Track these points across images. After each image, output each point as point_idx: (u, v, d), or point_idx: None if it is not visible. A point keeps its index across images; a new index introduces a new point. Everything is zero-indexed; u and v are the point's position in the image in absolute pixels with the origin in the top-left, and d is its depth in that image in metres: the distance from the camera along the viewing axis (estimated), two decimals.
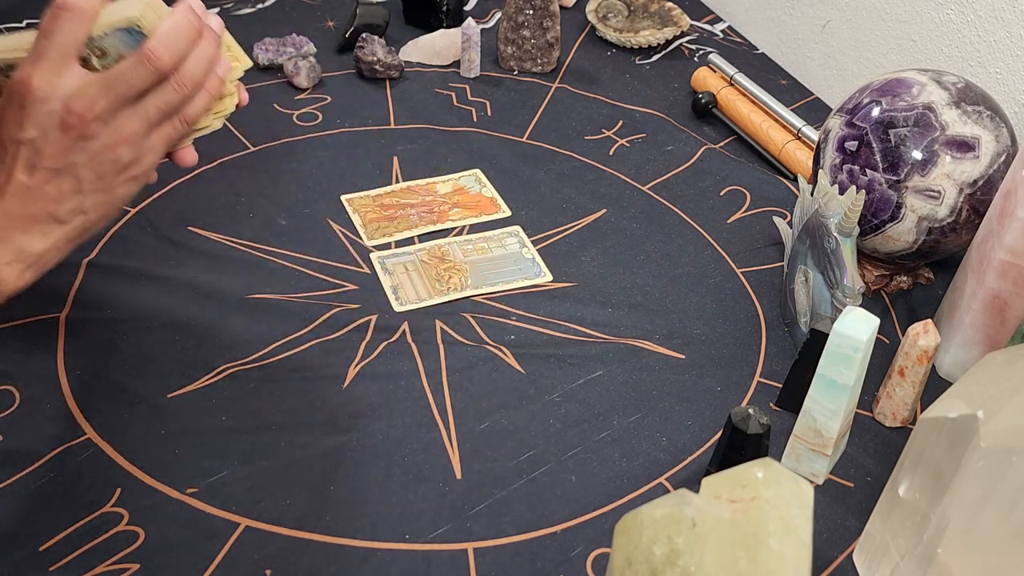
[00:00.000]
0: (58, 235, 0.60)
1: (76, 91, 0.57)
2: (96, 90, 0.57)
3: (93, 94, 0.57)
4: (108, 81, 0.57)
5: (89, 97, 0.57)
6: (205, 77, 0.61)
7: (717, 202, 1.05)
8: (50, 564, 0.66)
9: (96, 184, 0.60)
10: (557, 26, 1.20)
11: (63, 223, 0.60)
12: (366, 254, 0.94)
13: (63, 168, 0.58)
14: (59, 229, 0.60)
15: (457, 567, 0.68)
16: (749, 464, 0.53)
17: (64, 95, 0.57)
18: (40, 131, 0.57)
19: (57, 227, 0.60)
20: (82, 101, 0.57)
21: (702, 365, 0.85)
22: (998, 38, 1.00)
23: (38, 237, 0.60)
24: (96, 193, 0.60)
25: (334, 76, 1.18)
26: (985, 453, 0.57)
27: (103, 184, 0.60)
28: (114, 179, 0.60)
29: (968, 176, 0.83)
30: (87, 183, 0.59)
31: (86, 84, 0.57)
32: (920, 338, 0.77)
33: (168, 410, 0.77)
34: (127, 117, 0.59)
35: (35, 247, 0.60)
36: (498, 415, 0.79)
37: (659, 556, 0.51)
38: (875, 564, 0.68)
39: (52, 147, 0.57)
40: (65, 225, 0.60)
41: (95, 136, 0.58)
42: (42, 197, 0.59)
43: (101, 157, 0.59)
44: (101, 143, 0.58)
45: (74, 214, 0.60)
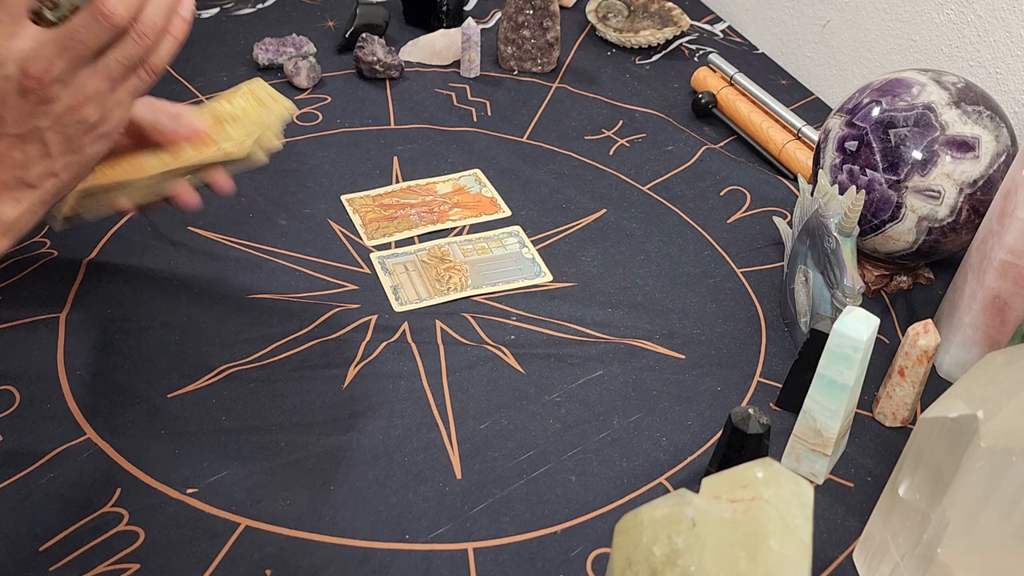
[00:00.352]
0: (31, 199, 0.59)
1: (31, 53, 0.54)
2: (52, 51, 0.55)
3: (49, 55, 0.55)
4: (63, 41, 0.55)
5: (45, 59, 0.55)
6: (167, 22, 0.58)
7: (717, 202, 1.05)
8: (50, 564, 0.66)
9: (64, 146, 0.58)
10: (557, 26, 1.20)
11: (34, 187, 0.59)
12: (366, 254, 0.94)
13: (27, 133, 0.56)
14: (31, 193, 0.59)
15: (457, 567, 0.68)
16: (749, 464, 0.53)
17: (19, 58, 0.54)
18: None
19: (29, 191, 0.59)
20: (38, 64, 0.54)
21: (702, 365, 0.85)
22: (998, 38, 1.00)
23: (10, 203, 0.58)
24: (65, 155, 0.58)
25: (334, 76, 1.18)
26: (985, 453, 0.57)
27: (72, 145, 0.58)
28: (83, 139, 0.59)
29: (968, 176, 0.83)
30: (55, 146, 0.58)
31: (41, 44, 0.55)
32: (920, 338, 0.77)
33: (168, 410, 0.77)
34: (88, 75, 0.57)
35: (8, 214, 0.59)
36: (498, 415, 0.79)
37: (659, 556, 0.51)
38: (875, 564, 0.68)
39: (13, 112, 0.56)
40: (37, 189, 0.59)
41: (56, 98, 0.56)
42: (9, 163, 0.57)
43: (66, 119, 0.57)
44: (64, 105, 0.56)
45: (45, 177, 0.59)
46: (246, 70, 1.17)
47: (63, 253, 0.90)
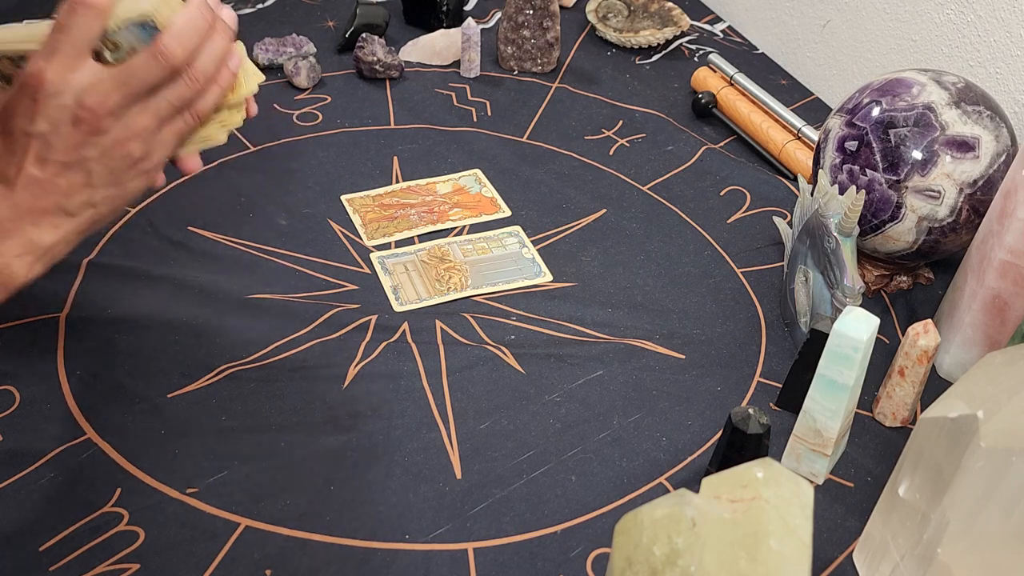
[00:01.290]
0: (68, 228, 0.60)
1: (89, 86, 0.57)
2: (109, 85, 0.57)
3: (106, 89, 0.57)
4: (121, 76, 0.57)
5: (102, 92, 0.57)
6: (217, 72, 0.61)
7: (717, 202, 1.05)
8: (50, 564, 0.66)
9: (107, 178, 0.60)
10: (557, 26, 1.20)
11: (73, 216, 0.60)
12: (366, 254, 0.94)
13: (74, 162, 0.58)
14: (69, 222, 0.60)
15: (457, 567, 0.68)
16: (749, 464, 0.53)
17: (77, 90, 0.56)
18: (52, 125, 0.57)
19: (67, 220, 0.60)
20: (95, 96, 0.57)
21: (702, 365, 0.85)
22: (998, 38, 1.00)
23: (48, 230, 0.60)
24: (106, 187, 0.60)
25: (334, 76, 1.18)
26: (985, 453, 0.57)
27: (113, 178, 0.60)
28: (125, 173, 0.60)
29: (968, 176, 0.83)
30: (98, 177, 0.59)
31: (99, 79, 0.57)
32: (920, 338, 0.77)
33: (168, 410, 0.77)
34: (139, 112, 0.59)
35: (45, 240, 0.60)
36: (498, 415, 0.79)
37: (659, 556, 0.51)
38: (875, 564, 0.68)
39: (64, 141, 0.57)
40: (75, 218, 0.60)
41: (107, 131, 0.58)
42: (53, 190, 0.59)
43: (112, 151, 0.59)
44: (112, 138, 0.58)
45: (84, 207, 0.60)
46: None
47: None
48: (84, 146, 0.58)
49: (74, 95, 0.57)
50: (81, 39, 0.56)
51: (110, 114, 0.58)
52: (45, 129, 0.57)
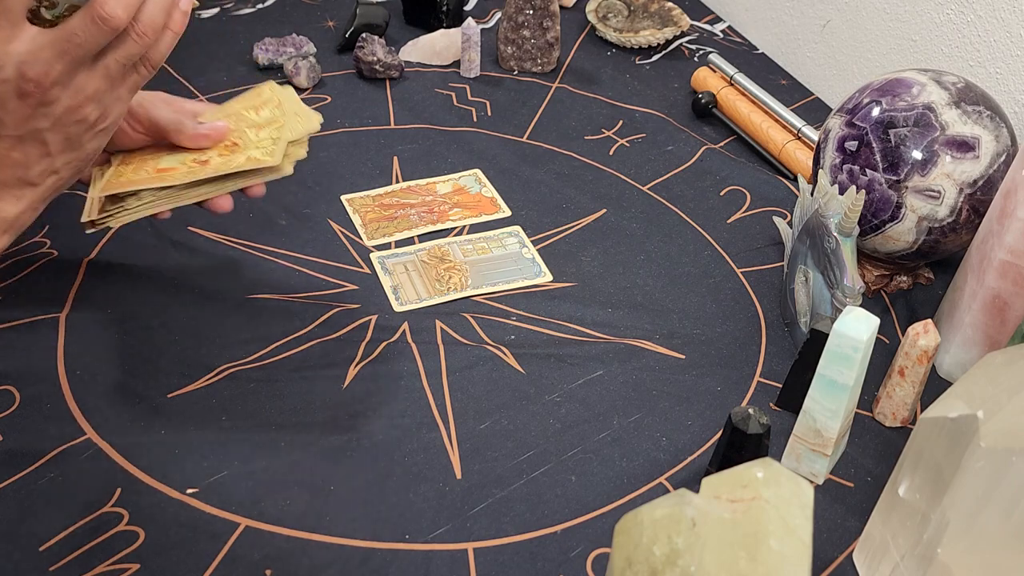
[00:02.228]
0: (31, 197, 0.59)
1: (29, 56, 0.54)
2: (50, 54, 0.54)
3: (47, 58, 0.54)
4: (61, 44, 0.54)
5: (44, 62, 0.54)
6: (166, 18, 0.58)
7: (717, 202, 1.05)
8: (50, 564, 0.66)
9: (64, 144, 0.58)
10: (557, 26, 1.20)
11: (35, 185, 0.59)
12: (366, 254, 0.94)
13: (27, 134, 0.56)
14: (32, 191, 0.59)
15: (457, 567, 0.68)
16: (749, 464, 0.53)
17: (17, 61, 0.54)
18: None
19: (29, 189, 0.59)
20: (37, 67, 0.54)
21: (702, 365, 0.85)
22: (998, 38, 1.00)
23: (11, 202, 0.59)
24: (65, 153, 0.59)
25: (334, 76, 1.18)
26: (985, 453, 0.57)
27: (71, 143, 0.58)
28: (82, 136, 0.59)
29: (968, 176, 0.83)
30: (55, 145, 0.58)
31: (39, 47, 0.54)
32: (920, 338, 0.77)
33: (168, 410, 0.77)
34: (87, 76, 0.56)
35: (8, 212, 0.59)
36: (498, 415, 0.79)
37: (659, 556, 0.51)
38: (875, 564, 0.68)
39: (12, 116, 0.56)
40: (37, 187, 0.59)
41: (56, 100, 0.56)
42: (10, 164, 0.57)
43: (66, 119, 0.57)
44: (63, 106, 0.56)
45: (45, 175, 0.59)
46: (246, 70, 1.17)
47: (63, 253, 0.90)
48: (35, 118, 0.56)
49: (15, 67, 0.54)
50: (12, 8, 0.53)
51: (56, 84, 0.55)
52: None
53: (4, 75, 0.54)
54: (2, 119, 0.56)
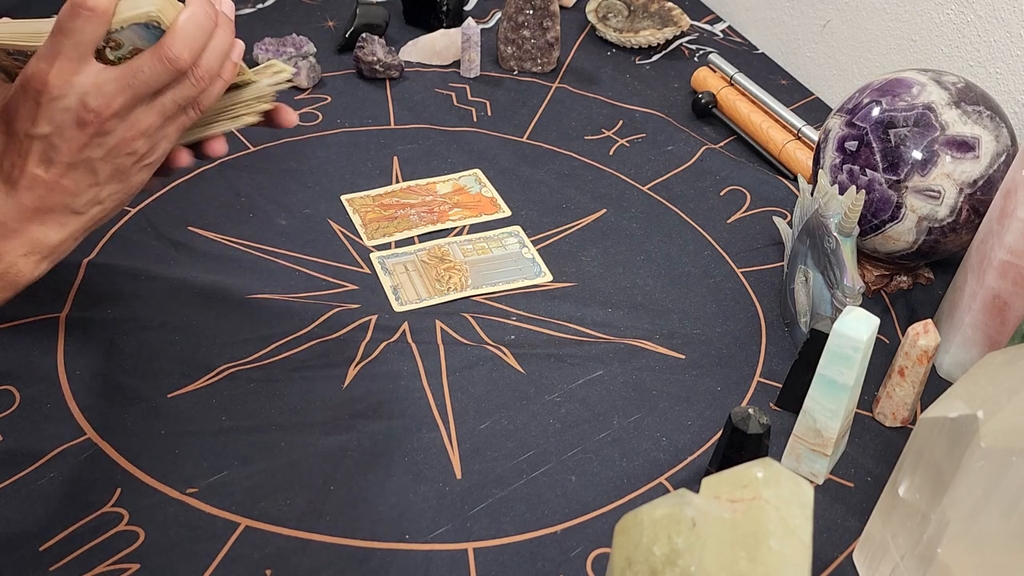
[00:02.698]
0: (74, 225, 0.60)
1: (92, 88, 0.56)
2: (114, 87, 0.57)
3: (110, 91, 0.57)
4: (126, 78, 0.57)
5: (106, 95, 0.57)
6: (221, 67, 0.61)
7: (717, 202, 1.05)
8: (50, 564, 0.66)
9: (112, 175, 0.60)
10: (557, 26, 1.20)
11: (80, 214, 0.60)
12: (366, 254, 0.94)
13: (79, 162, 0.58)
14: (76, 220, 0.60)
15: (457, 567, 0.68)
16: (749, 464, 0.53)
17: (80, 92, 0.56)
18: (55, 127, 0.57)
19: (74, 218, 0.60)
20: (99, 98, 0.57)
21: (702, 365, 0.85)
22: (998, 38, 1.00)
23: (55, 228, 0.60)
24: (112, 183, 0.60)
25: (334, 76, 1.18)
26: (985, 453, 0.57)
27: (119, 175, 0.60)
28: (130, 169, 0.60)
29: (968, 176, 0.83)
30: (103, 175, 0.59)
31: (103, 81, 0.57)
32: (920, 338, 0.77)
33: (168, 410, 0.77)
34: (144, 111, 0.59)
35: (52, 238, 0.60)
36: (498, 415, 0.79)
37: (659, 556, 0.51)
38: (875, 564, 0.68)
39: (68, 143, 0.57)
40: (82, 216, 0.60)
41: (112, 132, 0.58)
42: (58, 190, 0.59)
43: (117, 150, 0.59)
44: (118, 137, 0.58)
45: (90, 205, 0.60)
46: None
47: None
48: (89, 147, 0.58)
49: (77, 97, 0.56)
50: (83, 42, 0.56)
51: (115, 116, 0.58)
52: (48, 131, 0.57)
53: (66, 104, 0.56)
54: (58, 146, 0.57)
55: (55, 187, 0.59)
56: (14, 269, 0.59)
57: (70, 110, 0.56)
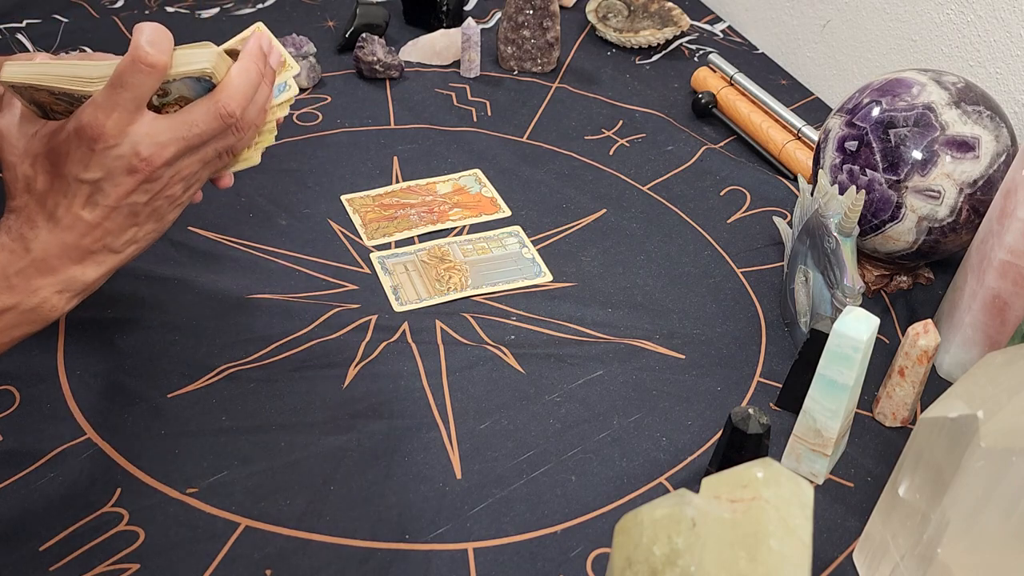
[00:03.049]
0: (111, 264, 0.63)
1: (146, 137, 0.58)
2: (167, 138, 0.59)
3: (163, 141, 0.59)
4: (180, 130, 0.59)
5: (159, 144, 0.59)
6: (260, 118, 0.64)
7: (717, 202, 1.05)
8: (50, 564, 0.66)
9: (150, 216, 0.62)
10: (557, 26, 1.20)
11: (117, 253, 0.62)
12: (366, 254, 0.94)
13: (124, 206, 0.60)
14: (112, 259, 0.63)
15: (457, 567, 0.68)
16: (749, 464, 0.53)
17: (134, 141, 0.58)
18: (106, 173, 0.59)
19: (111, 257, 0.62)
20: (151, 148, 0.59)
21: (702, 365, 0.85)
22: (998, 38, 1.00)
23: (92, 267, 0.62)
24: (149, 223, 0.63)
25: (334, 76, 1.18)
26: (985, 453, 0.57)
27: (156, 215, 0.63)
28: (166, 209, 0.63)
29: (968, 176, 0.83)
30: (143, 217, 0.62)
31: (157, 131, 0.59)
32: (920, 338, 0.77)
33: (168, 410, 0.77)
34: (188, 159, 0.61)
35: (88, 276, 0.62)
36: (498, 415, 0.79)
37: (659, 556, 0.51)
38: (875, 564, 0.68)
39: (117, 188, 0.59)
40: (119, 255, 0.63)
41: (160, 179, 0.60)
42: (100, 231, 0.61)
43: (160, 195, 0.61)
44: (163, 183, 0.61)
45: (128, 244, 0.63)
46: None
47: None
48: (136, 192, 0.60)
49: (131, 146, 0.58)
50: (139, 95, 0.58)
51: (165, 164, 0.60)
52: (99, 177, 0.59)
53: (119, 152, 0.58)
54: (106, 191, 0.59)
55: (97, 228, 0.60)
56: (47, 304, 0.61)
57: (122, 157, 0.58)
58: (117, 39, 1.20)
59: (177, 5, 1.29)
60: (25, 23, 1.22)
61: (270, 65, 0.64)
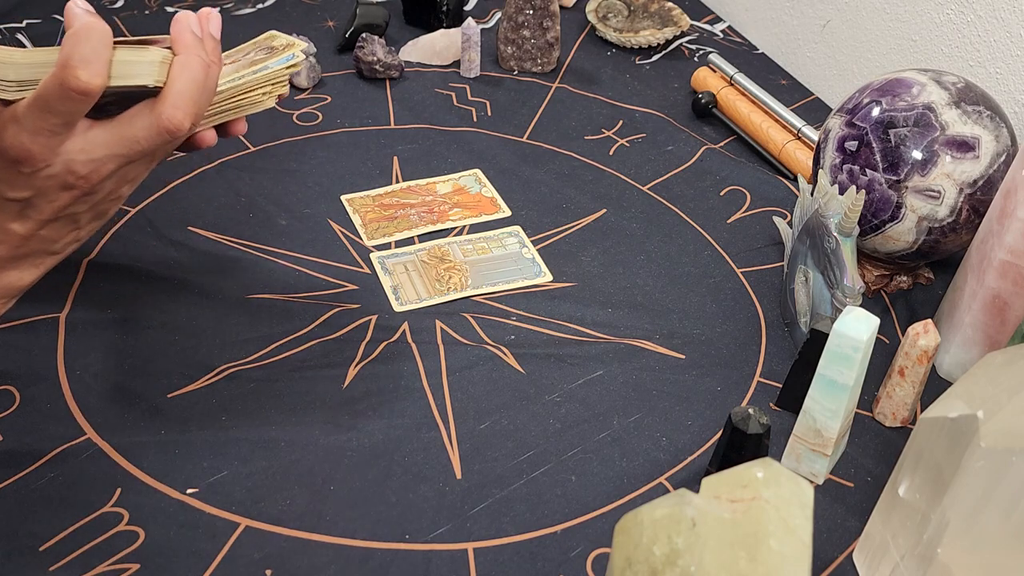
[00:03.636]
0: (49, 263, 0.61)
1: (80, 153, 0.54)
2: (104, 154, 0.54)
3: (101, 158, 0.54)
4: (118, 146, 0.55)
5: (97, 161, 0.54)
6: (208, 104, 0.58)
7: (717, 202, 1.05)
8: (50, 564, 0.66)
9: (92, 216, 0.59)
10: (557, 26, 1.20)
11: (57, 254, 0.60)
12: (366, 254, 0.94)
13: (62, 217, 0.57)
14: (52, 259, 0.61)
15: (457, 567, 0.68)
16: (749, 464, 0.53)
17: (67, 159, 0.54)
18: (36, 191, 0.55)
19: (51, 258, 0.60)
20: (88, 166, 0.54)
21: (702, 365, 0.85)
22: (998, 38, 1.00)
23: (29, 271, 0.60)
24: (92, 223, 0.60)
25: (334, 76, 1.18)
26: (985, 453, 0.57)
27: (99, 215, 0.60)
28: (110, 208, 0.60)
29: (968, 176, 0.83)
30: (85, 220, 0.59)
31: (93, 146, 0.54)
32: (920, 338, 0.77)
33: (168, 410, 0.77)
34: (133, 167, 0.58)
35: (24, 280, 0.60)
36: (498, 415, 0.79)
37: (659, 556, 0.51)
38: (875, 564, 0.68)
39: (51, 204, 0.55)
40: (58, 255, 0.61)
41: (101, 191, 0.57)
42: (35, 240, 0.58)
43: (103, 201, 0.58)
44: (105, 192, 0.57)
45: (69, 244, 0.60)
46: None
47: None
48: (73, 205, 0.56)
49: (63, 164, 0.54)
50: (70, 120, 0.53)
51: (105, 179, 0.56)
52: (29, 195, 0.55)
53: (50, 172, 0.54)
54: (39, 206, 0.55)
55: (32, 238, 0.57)
56: None
57: (55, 177, 0.54)
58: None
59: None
60: (25, 23, 1.22)
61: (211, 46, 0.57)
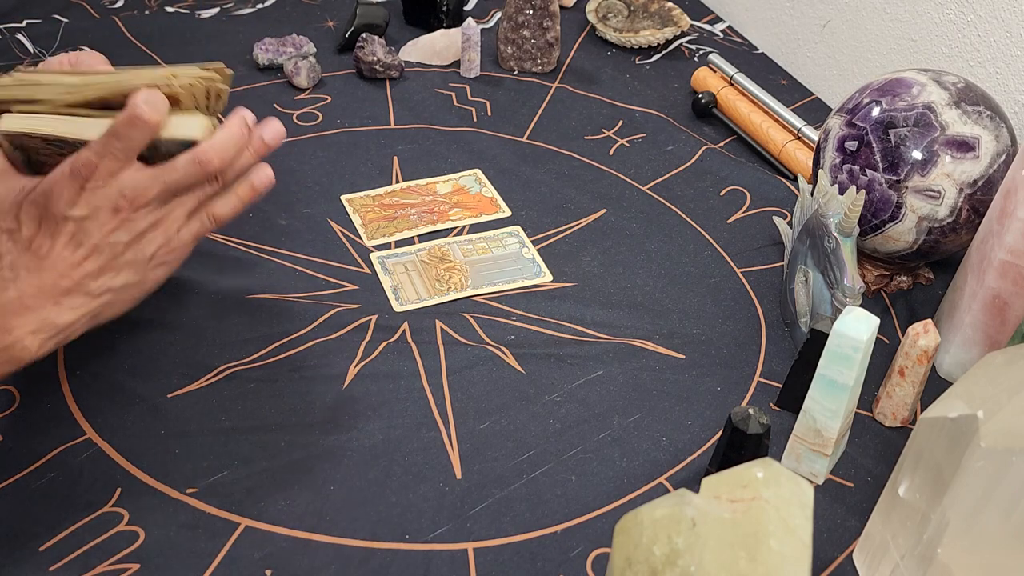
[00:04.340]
0: (85, 309, 0.64)
1: (130, 180, 0.62)
2: (149, 181, 0.63)
3: (147, 184, 0.63)
4: (160, 174, 0.63)
5: (143, 187, 0.63)
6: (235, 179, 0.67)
7: (717, 202, 1.05)
8: (50, 564, 0.66)
9: (129, 263, 0.64)
10: (557, 26, 1.20)
11: (92, 297, 0.64)
12: (366, 254, 0.94)
13: (105, 246, 0.63)
14: (87, 303, 0.63)
15: (457, 567, 0.68)
16: (749, 464, 0.53)
17: (121, 184, 0.62)
18: (91, 210, 0.62)
19: (87, 301, 0.63)
20: (135, 191, 0.62)
21: (702, 365, 0.85)
22: (998, 38, 1.00)
23: (67, 310, 0.63)
24: (127, 271, 0.64)
25: (334, 76, 1.18)
26: (985, 453, 0.57)
27: (135, 266, 0.64)
28: (146, 263, 0.65)
29: (968, 176, 0.83)
30: (122, 262, 0.64)
31: (141, 176, 0.62)
32: (920, 338, 0.77)
33: (168, 410, 0.77)
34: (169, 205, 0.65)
35: (63, 319, 0.63)
36: (498, 415, 0.79)
37: (659, 556, 0.51)
38: (875, 564, 0.68)
39: (100, 227, 0.62)
40: (93, 300, 0.64)
41: (140, 219, 0.63)
42: (79, 271, 0.62)
43: (140, 237, 0.64)
44: (144, 224, 0.64)
45: (103, 291, 0.64)
46: (246, 70, 1.17)
47: None
48: (117, 231, 0.63)
49: (117, 188, 0.62)
50: (132, 147, 0.61)
51: (145, 206, 0.63)
52: (85, 214, 0.61)
53: (107, 192, 0.62)
54: (89, 229, 0.62)
55: (77, 268, 0.62)
56: (19, 345, 0.61)
57: (109, 197, 0.62)
58: (117, 39, 1.20)
59: (177, 5, 1.29)
60: (25, 23, 1.22)
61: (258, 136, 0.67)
